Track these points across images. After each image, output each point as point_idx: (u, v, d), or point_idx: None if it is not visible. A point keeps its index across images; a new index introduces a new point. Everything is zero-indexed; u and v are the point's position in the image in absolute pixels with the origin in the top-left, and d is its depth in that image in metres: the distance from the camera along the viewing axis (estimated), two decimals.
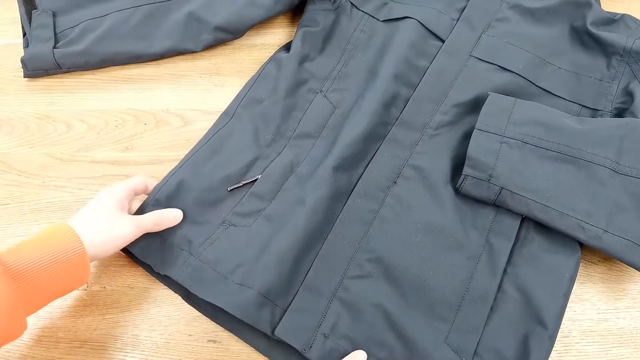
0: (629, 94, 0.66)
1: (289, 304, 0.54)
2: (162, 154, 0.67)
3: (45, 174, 0.65)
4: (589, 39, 0.70)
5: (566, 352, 0.57)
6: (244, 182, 0.61)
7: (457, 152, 0.63)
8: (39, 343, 0.56)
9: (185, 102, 0.70)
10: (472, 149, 0.59)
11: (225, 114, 0.67)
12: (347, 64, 0.70)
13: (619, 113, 0.66)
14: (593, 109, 0.67)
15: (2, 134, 0.67)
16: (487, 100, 0.62)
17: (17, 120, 0.68)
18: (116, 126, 0.68)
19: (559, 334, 0.56)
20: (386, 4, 0.74)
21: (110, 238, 0.52)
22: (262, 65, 0.70)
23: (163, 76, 0.72)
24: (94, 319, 0.57)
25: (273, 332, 0.53)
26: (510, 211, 0.59)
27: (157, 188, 0.60)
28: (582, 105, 0.67)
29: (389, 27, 0.72)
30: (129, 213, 0.57)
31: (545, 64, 0.69)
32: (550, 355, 0.55)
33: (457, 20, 0.72)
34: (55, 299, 0.49)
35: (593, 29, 0.69)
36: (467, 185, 0.59)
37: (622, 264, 0.61)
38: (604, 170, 0.58)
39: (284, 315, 0.53)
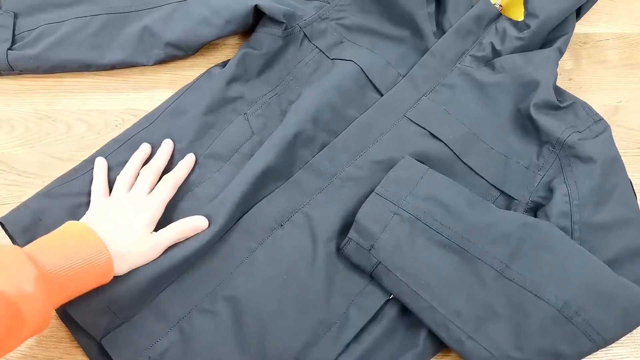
0: (550, 191, 0.61)
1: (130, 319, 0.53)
2: None
3: (45, 174, 0.64)
4: (529, 122, 0.64)
5: None
6: None
7: (354, 210, 0.58)
8: (39, 343, 0.56)
9: None
10: (362, 214, 0.56)
11: (147, 118, 0.65)
12: (281, 94, 0.67)
13: (535, 207, 0.62)
14: (511, 197, 0.62)
15: (2, 134, 0.67)
16: (398, 164, 0.59)
17: (17, 120, 0.68)
18: (116, 126, 0.68)
19: None
20: (342, 42, 0.69)
21: (138, 262, 0.53)
22: (198, 76, 0.69)
23: (163, 76, 0.71)
24: None
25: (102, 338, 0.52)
26: (382, 286, 0.56)
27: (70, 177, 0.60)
28: (501, 192, 0.62)
29: (334, 67, 0.68)
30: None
31: (477, 141, 0.64)
32: None
33: (404, 76, 0.67)
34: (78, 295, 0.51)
35: (534, 112, 0.63)
36: (349, 250, 0.56)
37: None
38: (489, 270, 0.54)
39: (119, 327, 0.53)
